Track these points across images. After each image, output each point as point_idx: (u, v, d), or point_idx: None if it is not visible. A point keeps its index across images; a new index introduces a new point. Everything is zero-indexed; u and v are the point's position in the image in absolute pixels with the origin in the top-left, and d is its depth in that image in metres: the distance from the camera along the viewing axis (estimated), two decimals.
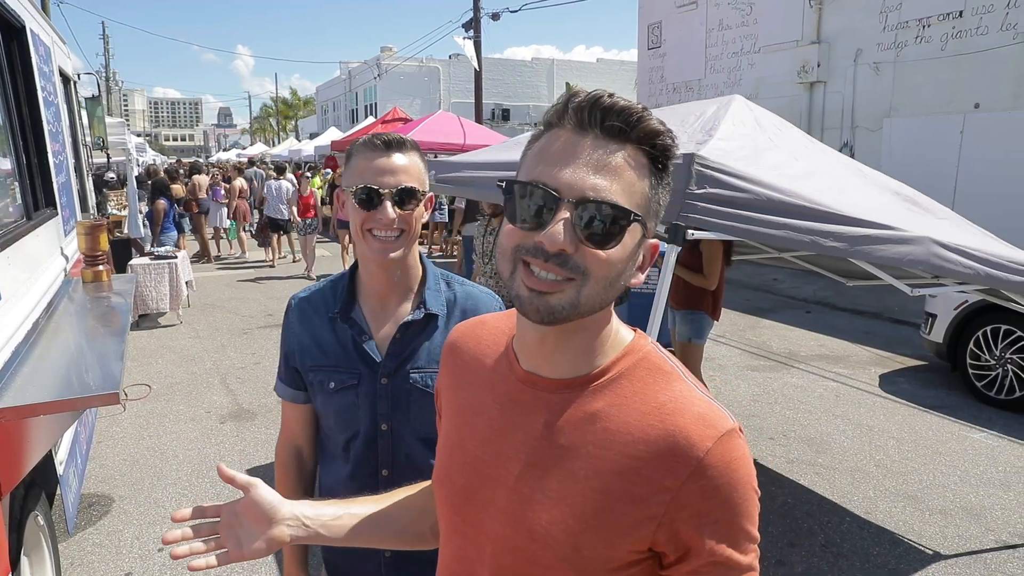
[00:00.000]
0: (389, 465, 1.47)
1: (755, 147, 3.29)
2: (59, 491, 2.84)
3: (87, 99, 7.50)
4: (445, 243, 13.97)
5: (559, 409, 0.87)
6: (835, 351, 7.35)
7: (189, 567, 0.97)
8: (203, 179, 13.46)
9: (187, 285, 8.64)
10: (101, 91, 8.25)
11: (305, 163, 22.11)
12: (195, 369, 6.62)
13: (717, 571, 0.79)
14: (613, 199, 0.77)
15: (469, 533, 0.93)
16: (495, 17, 20.30)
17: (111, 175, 14.26)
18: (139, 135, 34.26)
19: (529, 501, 0.86)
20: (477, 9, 20.07)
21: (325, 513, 1.07)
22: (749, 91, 12.77)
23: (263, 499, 1.02)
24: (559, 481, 0.84)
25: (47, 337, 2.47)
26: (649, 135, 0.80)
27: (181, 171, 16.66)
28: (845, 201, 2.99)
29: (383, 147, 1.40)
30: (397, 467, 1.47)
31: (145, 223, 10.58)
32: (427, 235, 14.81)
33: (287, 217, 12.15)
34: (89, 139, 7.00)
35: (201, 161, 33.57)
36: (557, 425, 0.86)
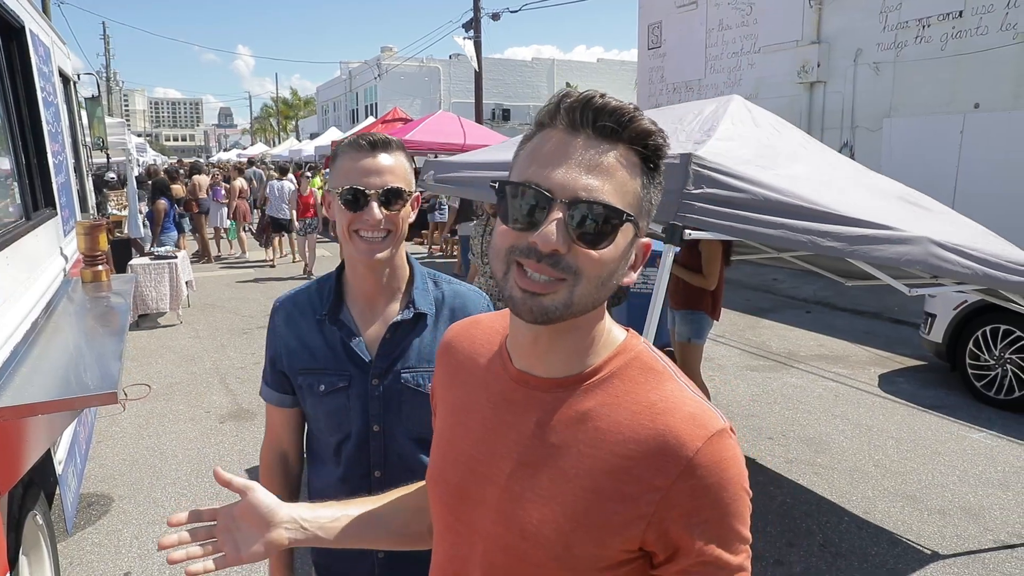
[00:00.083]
0: (381, 466, 1.46)
1: (753, 147, 3.29)
2: (58, 491, 2.85)
3: (87, 99, 7.50)
4: (445, 243, 13.97)
5: (551, 408, 0.87)
6: (835, 351, 7.35)
7: (186, 572, 0.96)
8: (203, 179, 13.50)
9: (187, 285, 8.65)
10: (101, 91, 8.25)
11: (305, 163, 22.10)
12: (195, 369, 6.63)
13: (706, 571, 0.79)
14: (605, 199, 0.78)
15: (461, 531, 0.94)
16: (495, 17, 20.32)
17: (111, 175, 14.26)
18: (140, 135, 34.31)
19: (520, 500, 0.86)
20: (477, 9, 20.08)
21: (323, 515, 1.07)
22: (749, 91, 12.77)
23: (261, 502, 1.02)
24: (550, 480, 0.84)
25: (46, 337, 2.48)
26: (641, 135, 0.80)
27: (181, 171, 16.69)
28: (843, 201, 2.99)
29: (368, 147, 1.39)
30: (389, 468, 1.46)
31: (145, 223, 10.59)
32: (427, 235, 14.83)
33: (289, 217, 12.20)
34: (89, 139, 7.00)
35: (202, 161, 33.59)
36: (549, 424, 0.87)
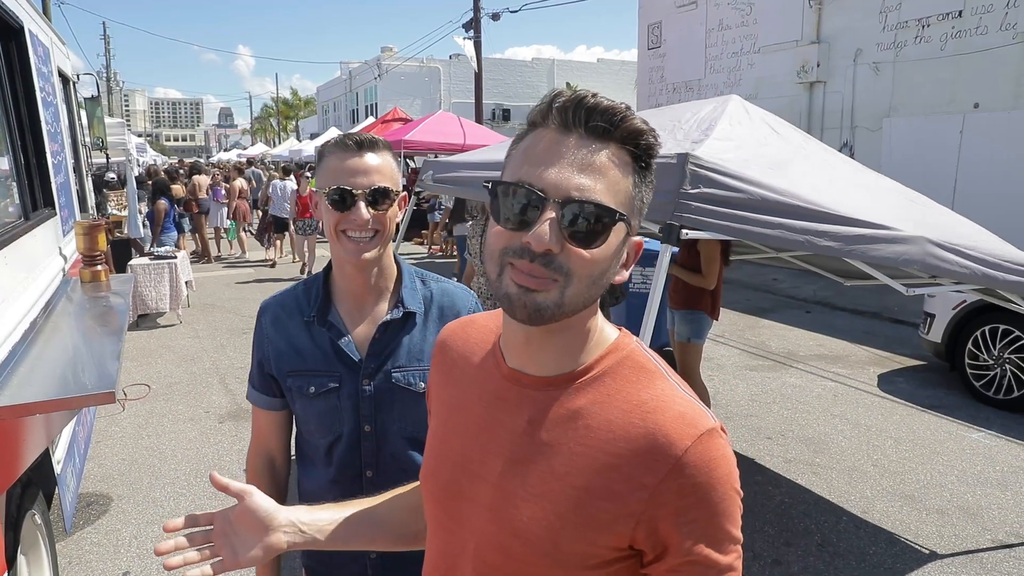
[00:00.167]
0: (373, 466, 1.46)
1: (751, 147, 3.29)
2: (57, 490, 2.85)
3: (87, 99, 7.49)
4: (445, 243, 13.97)
5: (543, 406, 0.87)
6: (834, 351, 7.35)
7: None
8: (203, 179, 13.51)
9: (187, 285, 8.66)
10: (100, 91, 8.25)
11: (306, 163, 22.11)
12: (194, 369, 6.63)
13: (695, 570, 0.79)
14: (598, 199, 0.78)
15: (453, 528, 0.94)
16: (495, 17, 20.34)
17: (111, 175, 14.26)
18: (140, 135, 34.32)
19: (511, 497, 0.86)
20: (477, 9, 20.09)
21: (321, 518, 1.07)
22: (749, 91, 12.78)
23: (259, 506, 1.02)
24: (541, 478, 0.85)
25: (44, 336, 2.48)
26: (632, 134, 0.81)
27: (181, 171, 16.70)
28: (841, 201, 2.99)
29: (355, 147, 1.38)
30: (382, 468, 1.46)
31: (145, 223, 10.60)
32: (427, 235, 14.83)
33: (290, 216, 12.25)
34: (88, 139, 7.00)
35: (202, 161, 33.61)
36: (541, 422, 0.87)
